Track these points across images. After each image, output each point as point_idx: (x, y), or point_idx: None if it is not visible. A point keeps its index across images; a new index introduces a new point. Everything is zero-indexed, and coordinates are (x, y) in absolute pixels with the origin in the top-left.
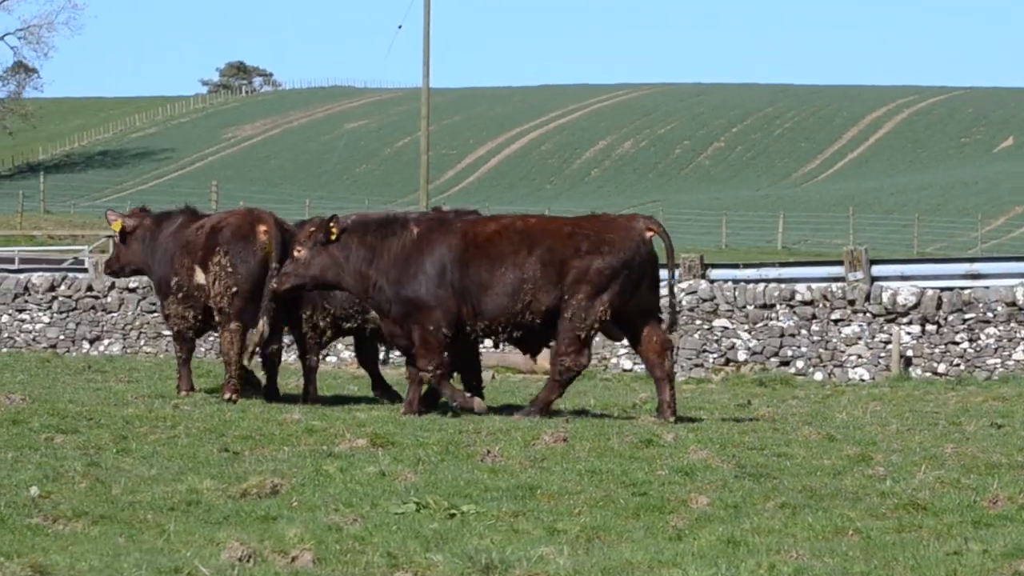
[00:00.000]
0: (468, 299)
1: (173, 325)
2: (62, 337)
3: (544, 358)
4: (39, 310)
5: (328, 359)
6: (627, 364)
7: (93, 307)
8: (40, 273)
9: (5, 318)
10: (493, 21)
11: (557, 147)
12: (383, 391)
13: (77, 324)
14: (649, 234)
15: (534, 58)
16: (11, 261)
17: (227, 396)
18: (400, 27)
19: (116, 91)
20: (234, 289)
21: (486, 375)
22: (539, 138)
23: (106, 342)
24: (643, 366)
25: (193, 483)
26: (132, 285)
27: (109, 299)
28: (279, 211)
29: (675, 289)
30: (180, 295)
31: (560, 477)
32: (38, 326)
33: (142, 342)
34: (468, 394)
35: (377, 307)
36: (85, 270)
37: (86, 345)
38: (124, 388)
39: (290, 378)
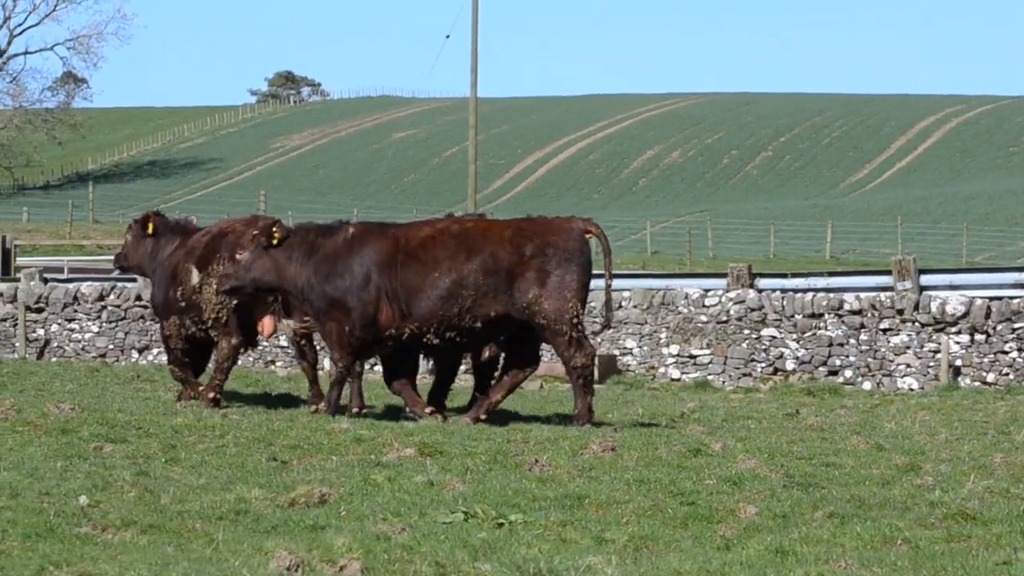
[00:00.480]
0: (397, 302)
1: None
2: (111, 346)
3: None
4: (88, 320)
5: (376, 369)
6: (675, 374)
7: (142, 316)
8: (89, 283)
9: (55, 328)
10: (541, 30)
11: (605, 157)
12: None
13: (126, 333)
14: (587, 235)
15: (582, 67)
16: (60, 271)
17: (210, 396)
18: (448, 37)
19: (165, 101)
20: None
21: (534, 385)
22: (587, 148)
23: (155, 351)
24: (671, 373)
25: (242, 492)
26: None
27: None
28: (328, 221)
29: (611, 290)
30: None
31: (608, 486)
32: (87, 335)
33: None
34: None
35: (309, 306)
36: (134, 279)
37: (135, 354)
38: (173, 397)
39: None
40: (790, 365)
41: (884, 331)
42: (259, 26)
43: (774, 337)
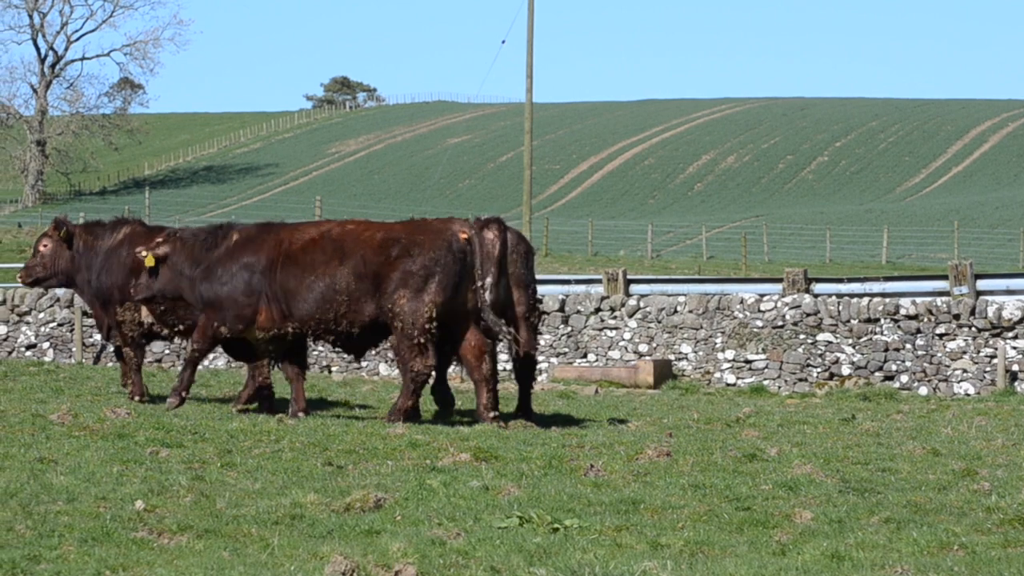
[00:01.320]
0: (277, 303)
1: (128, 330)
2: (167, 351)
3: (647, 372)
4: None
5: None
6: (730, 378)
7: None
8: None
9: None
10: (596, 36)
11: (660, 161)
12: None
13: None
14: (463, 236)
15: (637, 72)
16: None
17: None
18: (503, 42)
19: (221, 107)
20: None
21: (590, 389)
22: (642, 152)
23: (211, 356)
24: (726, 378)
25: (297, 497)
26: None
27: None
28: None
29: (485, 291)
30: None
31: (663, 491)
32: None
33: None
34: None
35: (198, 305)
36: None
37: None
38: (228, 402)
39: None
40: (846, 370)
41: (940, 336)
42: (315, 32)
43: (830, 342)
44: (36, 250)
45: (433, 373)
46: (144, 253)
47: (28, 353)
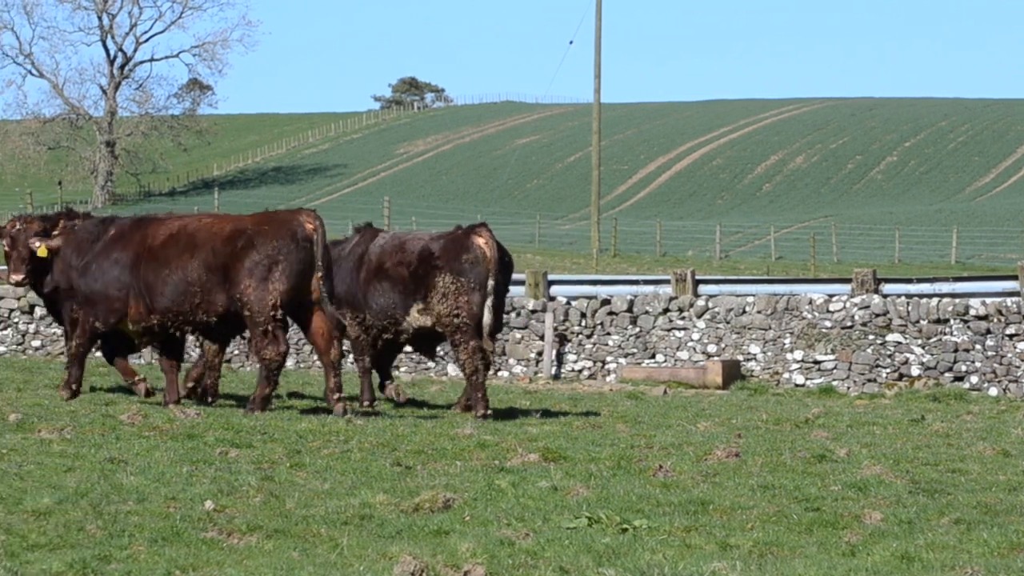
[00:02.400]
0: (143, 296)
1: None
2: (236, 352)
3: (715, 372)
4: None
5: (500, 374)
6: (799, 379)
7: None
8: None
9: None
10: (664, 36)
11: (728, 162)
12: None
13: (248, 338)
14: (309, 227)
15: (705, 73)
16: None
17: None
18: (571, 42)
19: (289, 107)
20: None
21: (658, 390)
22: (710, 153)
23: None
24: (795, 378)
25: (366, 497)
26: None
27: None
28: (452, 227)
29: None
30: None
31: (732, 492)
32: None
33: (315, 357)
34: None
35: (79, 298)
36: None
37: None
38: (297, 402)
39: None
40: (915, 371)
41: (1010, 336)
42: (383, 32)
43: (899, 343)
44: None
45: (286, 361)
46: (37, 244)
47: (98, 354)
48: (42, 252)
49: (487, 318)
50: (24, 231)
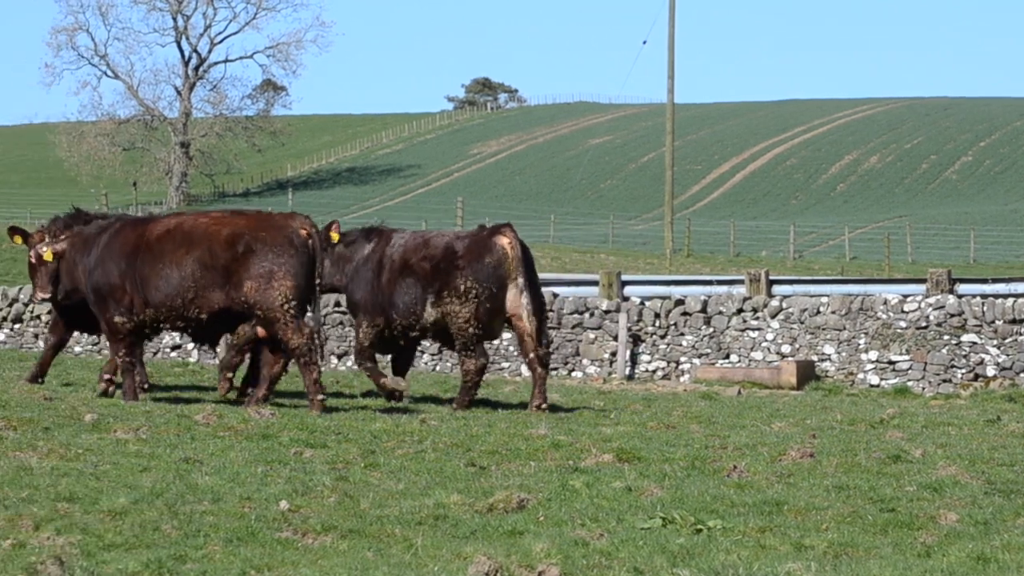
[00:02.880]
0: (139, 291)
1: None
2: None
3: (789, 373)
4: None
5: (574, 374)
6: (874, 379)
7: (341, 323)
8: None
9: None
10: (738, 36)
11: (803, 162)
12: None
13: (326, 339)
14: (303, 232)
15: (779, 72)
16: None
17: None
18: (645, 42)
19: (363, 108)
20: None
21: (732, 390)
22: (784, 153)
23: (353, 357)
24: (870, 379)
25: (440, 498)
26: None
27: None
28: (524, 227)
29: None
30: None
31: (807, 493)
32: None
33: (389, 357)
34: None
35: (88, 298)
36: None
37: (334, 360)
38: (371, 403)
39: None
40: (991, 371)
41: None
42: (457, 33)
43: (974, 343)
44: None
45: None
46: (44, 249)
47: (173, 354)
48: (48, 256)
49: (525, 319)
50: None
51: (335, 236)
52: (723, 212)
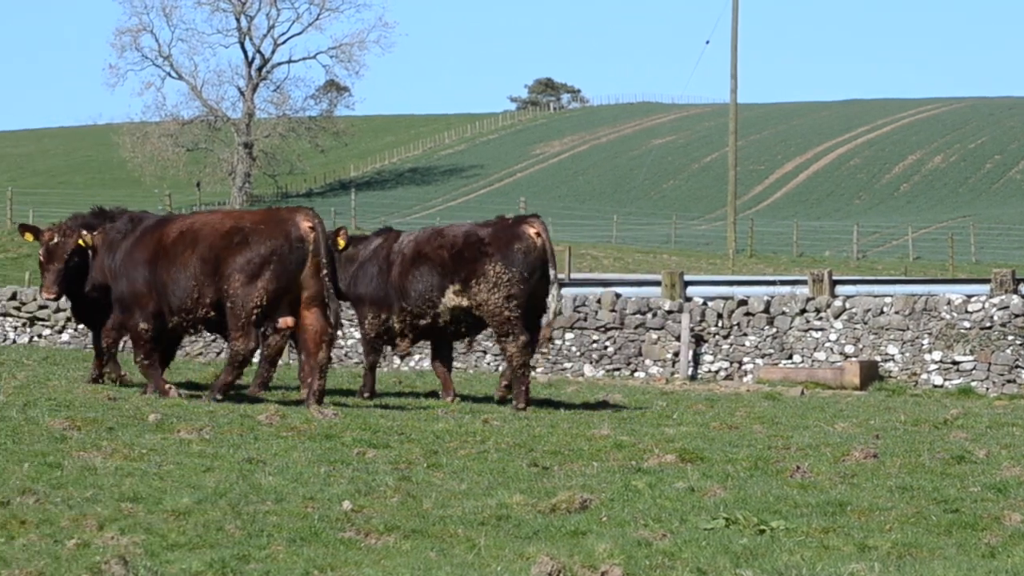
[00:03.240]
0: (164, 296)
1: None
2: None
3: (853, 373)
4: (351, 325)
5: (636, 374)
6: (938, 380)
7: None
8: None
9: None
10: (801, 36)
11: (866, 162)
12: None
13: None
14: (306, 225)
15: (842, 72)
16: None
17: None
18: (708, 42)
19: (426, 108)
20: None
21: (795, 391)
22: (848, 153)
23: (416, 357)
24: (933, 379)
25: (503, 498)
26: None
27: None
28: (587, 227)
29: (326, 278)
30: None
31: (870, 493)
32: (350, 341)
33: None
34: (167, 385)
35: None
36: None
37: (396, 360)
38: (434, 403)
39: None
40: None
41: None
42: (519, 33)
43: None
44: None
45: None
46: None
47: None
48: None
49: (552, 308)
50: (62, 243)
51: (341, 243)
52: (786, 212)
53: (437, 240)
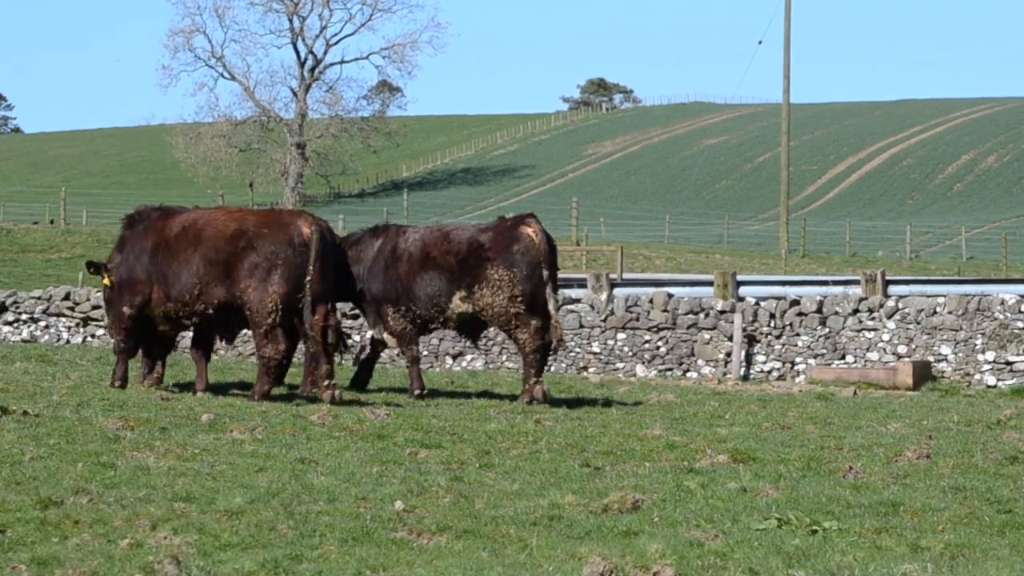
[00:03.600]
0: (162, 285)
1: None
2: (426, 353)
3: (906, 373)
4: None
5: (689, 374)
6: (991, 380)
7: None
8: None
9: (371, 334)
10: (854, 35)
11: (919, 162)
12: None
13: (440, 340)
14: (307, 230)
15: (895, 72)
16: None
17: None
18: (760, 43)
19: (478, 109)
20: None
21: (848, 391)
22: (901, 152)
23: (468, 357)
24: (987, 379)
25: (555, 498)
26: None
27: None
28: (639, 228)
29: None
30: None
31: (923, 494)
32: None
33: (504, 357)
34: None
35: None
36: None
37: (449, 360)
38: (486, 403)
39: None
40: None
41: None
42: (571, 34)
43: None
44: None
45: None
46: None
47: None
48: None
49: (551, 306)
50: None
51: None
52: (838, 212)
53: (444, 245)
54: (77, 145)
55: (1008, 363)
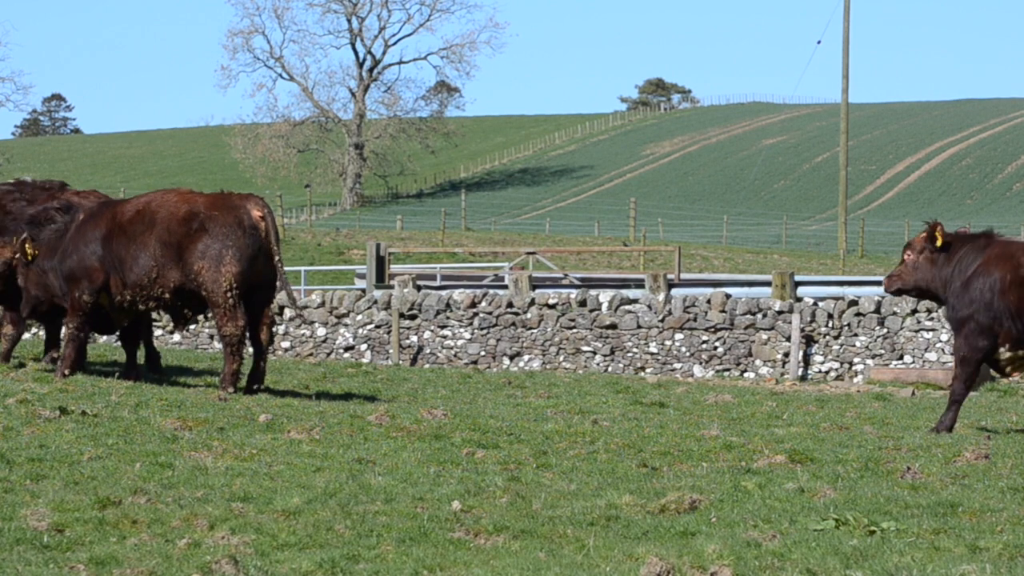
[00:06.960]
0: (116, 272)
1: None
2: (483, 353)
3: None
4: (460, 326)
5: (746, 374)
6: None
7: (513, 323)
8: (461, 290)
9: (427, 334)
10: (913, 34)
11: (978, 162)
12: None
13: (497, 340)
14: (256, 214)
15: (955, 71)
16: (433, 278)
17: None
18: (819, 42)
19: (536, 109)
20: None
21: (906, 391)
22: (960, 152)
23: (526, 358)
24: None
25: (612, 498)
26: (552, 302)
27: (529, 315)
28: (697, 228)
29: (283, 273)
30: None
31: (982, 494)
32: (459, 342)
33: (561, 358)
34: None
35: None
36: (505, 287)
37: (506, 361)
38: (543, 404)
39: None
40: None
41: None
42: (629, 33)
43: None
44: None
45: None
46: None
47: (346, 355)
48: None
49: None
50: None
51: (30, 252)
52: (897, 212)
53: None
54: (137, 146)
55: None
